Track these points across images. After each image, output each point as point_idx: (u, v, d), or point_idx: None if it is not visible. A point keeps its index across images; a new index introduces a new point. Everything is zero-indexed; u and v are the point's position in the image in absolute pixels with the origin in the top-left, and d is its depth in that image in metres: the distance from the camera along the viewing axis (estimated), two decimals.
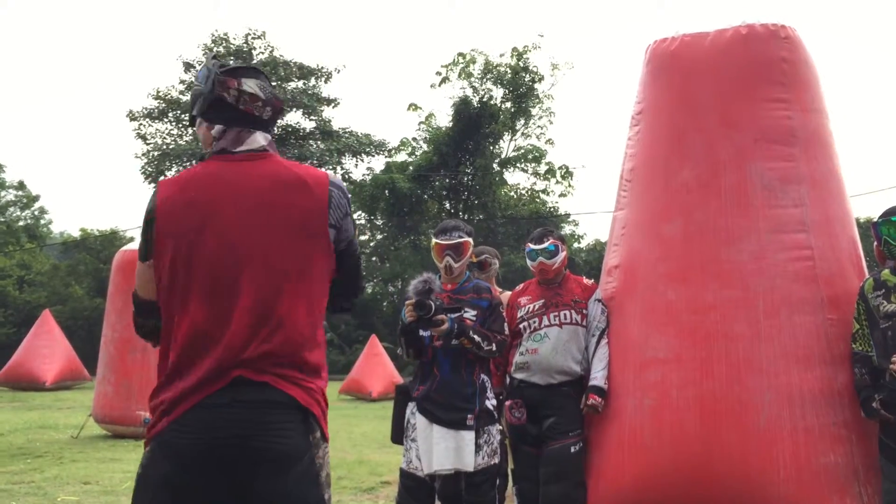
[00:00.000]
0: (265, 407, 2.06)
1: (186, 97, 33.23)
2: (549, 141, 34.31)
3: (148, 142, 33.68)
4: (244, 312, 2.09)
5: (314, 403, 2.16)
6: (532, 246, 4.94)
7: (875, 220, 4.35)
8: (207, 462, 2.05)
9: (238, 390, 2.05)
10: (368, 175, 33.83)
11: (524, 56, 32.45)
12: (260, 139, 2.30)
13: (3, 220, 40.79)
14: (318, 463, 2.15)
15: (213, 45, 33.76)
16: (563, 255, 4.93)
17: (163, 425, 2.09)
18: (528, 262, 5.01)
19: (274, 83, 32.72)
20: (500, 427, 4.74)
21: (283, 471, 2.05)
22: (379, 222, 34.46)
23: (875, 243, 5.53)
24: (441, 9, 76.55)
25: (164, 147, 33.08)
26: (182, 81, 33.49)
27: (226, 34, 34.03)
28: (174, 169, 32.50)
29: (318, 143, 33.37)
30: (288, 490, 2.05)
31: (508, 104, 32.68)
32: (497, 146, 33.41)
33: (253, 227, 2.14)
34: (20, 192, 43.46)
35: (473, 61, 32.89)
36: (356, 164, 34.70)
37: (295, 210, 2.17)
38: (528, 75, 32.40)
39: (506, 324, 4.72)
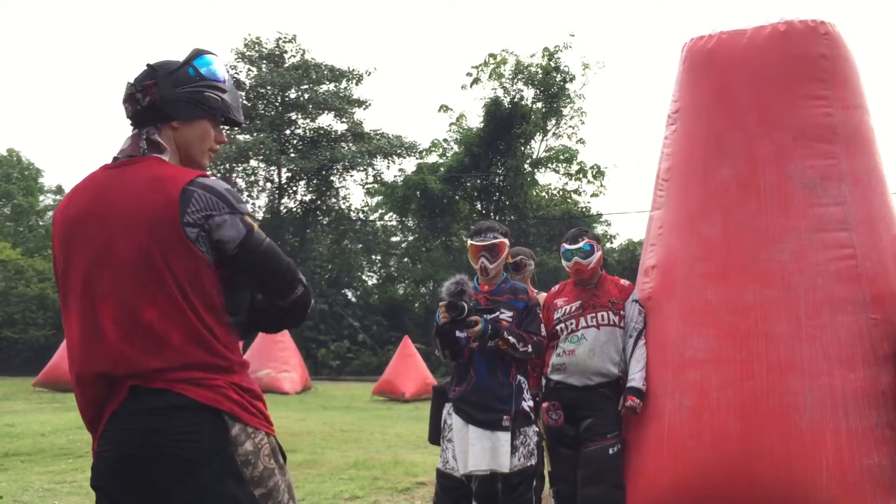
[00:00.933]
0: (167, 412, 2.00)
1: None
2: (580, 141, 34.14)
3: None
4: (111, 324, 2.04)
5: (223, 399, 2.06)
6: (567, 246, 4.93)
7: None
8: (117, 475, 2.04)
9: (139, 399, 2.01)
10: (400, 176, 33.91)
11: (555, 56, 32.32)
12: (131, 142, 2.21)
13: (42, 223, 41.52)
14: (241, 459, 2.05)
15: (245, 48, 34.05)
16: (598, 254, 4.91)
17: (95, 442, 2.11)
18: (564, 263, 4.99)
19: (304, 86, 32.56)
20: (537, 428, 4.73)
21: (190, 476, 1.98)
22: (410, 224, 34.52)
23: None
24: (471, 9, 76.61)
25: None
26: None
27: (258, 38, 34.31)
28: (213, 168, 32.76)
29: (350, 145, 33.52)
30: (199, 495, 1.98)
31: (539, 104, 32.56)
32: (528, 146, 33.32)
33: (111, 236, 2.07)
34: (58, 197, 44.24)
35: (504, 62, 32.83)
36: (388, 166, 34.70)
37: (144, 213, 2.06)
38: (559, 75, 32.26)
39: (542, 325, 4.70)
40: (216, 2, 74.73)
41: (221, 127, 2.33)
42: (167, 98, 2.19)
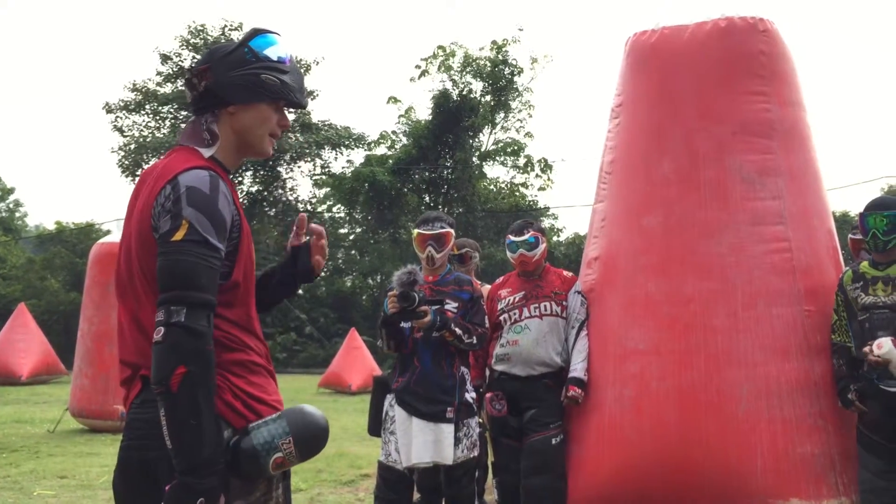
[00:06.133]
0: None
1: (164, 89, 32.82)
2: (528, 134, 34.25)
3: (125, 134, 33.29)
4: (129, 318, 2.04)
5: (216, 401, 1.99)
6: (512, 238, 4.94)
7: (861, 211, 4.36)
8: (125, 468, 2.02)
9: (148, 390, 1.97)
10: (348, 168, 33.67)
11: (503, 49, 32.37)
12: (185, 129, 2.18)
13: None
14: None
15: (189, 36, 33.39)
16: (543, 247, 4.94)
17: None
18: (509, 254, 5.01)
19: None
20: (480, 420, 4.74)
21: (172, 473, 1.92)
22: (358, 216, 34.32)
23: (850, 235, 5.59)
24: (421, 1, 76.43)
25: (142, 140, 32.72)
26: (159, 73, 33.06)
27: (203, 26, 33.61)
28: (152, 162, 32.08)
29: (297, 135, 33.15)
30: None
31: (488, 97, 32.59)
32: (477, 139, 33.33)
33: (130, 230, 2.06)
34: None
35: (453, 54, 32.77)
36: (336, 158, 34.35)
37: (137, 210, 2.04)
38: (507, 68, 32.32)
39: (486, 317, 4.72)
40: None
41: (286, 110, 2.22)
42: (222, 82, 2.10)
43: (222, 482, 1.89)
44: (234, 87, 2.10)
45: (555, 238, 31.74)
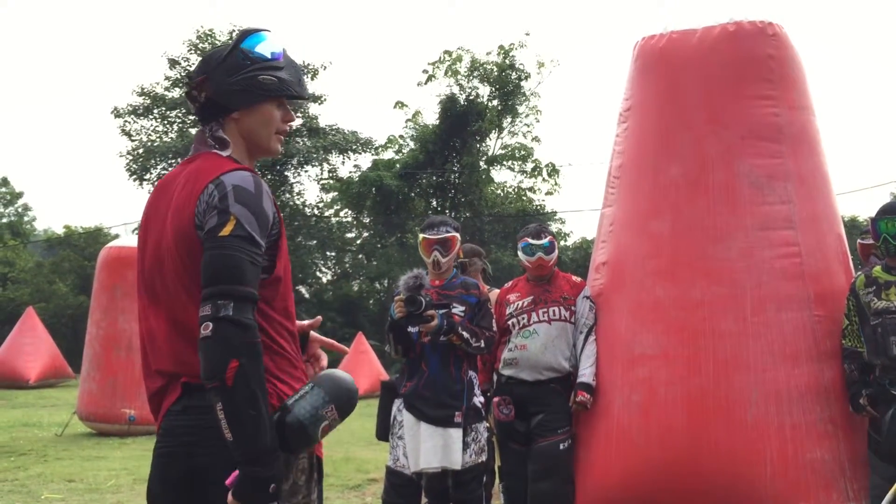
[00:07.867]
0: (211, 411, 1.93)
1: (172, 94, 32.91)
2: (535, 139, 34.25)
3: (133, 139, 33.38)
4: (163, 322, 2.03)
5: None
6: (530, 241, 4.90)
7: (873, 216, 4.35)
8: (164, 473, 2.03)
9: (190, 396, 1.99)
10: (356, 172, 33.69)
11: (510, 54, 32.36)
12: (196, 138, 2.19)
13: None
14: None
15: (198, 41, 33.48)
16: (556, 252, 4.94)
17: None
18: (524, 257, 4.94)
19: None
20: (487, 424, 4.73)
21: (226, 476, 1.90)
22: (366, 220, 34.34)
23: (859, 240, 5.57)
24: (428, 6, 76.62)
25: (150, 144, 32.82)
26: (167, 78, 33.13)
27: (211, 30, 33.69)
28: (160, 166, 32.23)
29: (305, 140, 33.20)
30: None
31: (495, 102, 32.58)
32: (484, 144, 33.33)
33: (164, 233, 2.05)
34: (3, 189, 43.18)
35: (460, 59, 32.78)
36: (343, 162, 34.36)
37: (178, 211, 2.03)
38: (514, 73, 32.31)
39: (493, 320, 4.71)
40: None
41: (289, 104, 2.22)
42: (221, 91, 2.11)
43: (282, 468, 1.91)
44: (234, 93, 2.11)
45: (562, 243, 31.69)
